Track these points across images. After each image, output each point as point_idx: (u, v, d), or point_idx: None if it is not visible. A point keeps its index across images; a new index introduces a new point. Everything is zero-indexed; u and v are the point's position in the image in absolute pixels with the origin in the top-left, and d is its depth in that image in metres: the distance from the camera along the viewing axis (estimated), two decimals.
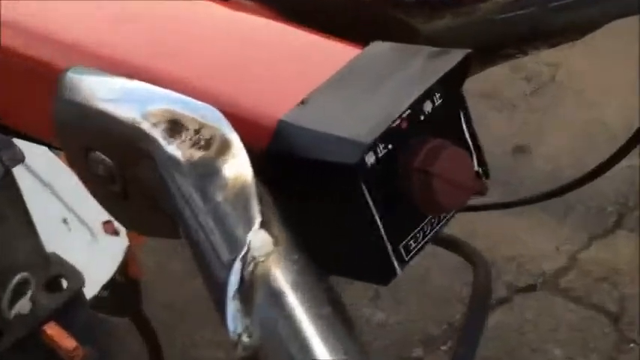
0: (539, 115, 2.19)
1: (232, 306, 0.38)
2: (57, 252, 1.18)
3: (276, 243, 0.40)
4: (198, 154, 0.45)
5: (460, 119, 0.51)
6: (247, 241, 0.40)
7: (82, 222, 1.35)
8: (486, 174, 0.52)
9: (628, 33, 2.35)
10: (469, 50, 0.49)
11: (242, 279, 0.39)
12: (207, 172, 0.44)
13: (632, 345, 1.75)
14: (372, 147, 0.45)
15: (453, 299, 1.80)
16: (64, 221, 1.34)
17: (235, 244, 0.40)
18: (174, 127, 0.46)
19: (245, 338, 0.38)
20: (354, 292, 1.87)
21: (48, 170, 1.29)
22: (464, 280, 1.78)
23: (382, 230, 0.47)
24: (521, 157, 2.13)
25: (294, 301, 0.38)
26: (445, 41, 0.55)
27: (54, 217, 1.31)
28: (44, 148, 1.23)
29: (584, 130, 2.11)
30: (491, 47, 0.56)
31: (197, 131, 0.45)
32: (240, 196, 0.42)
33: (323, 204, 0.47)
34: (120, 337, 1.65)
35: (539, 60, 2.33)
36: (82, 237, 1.34)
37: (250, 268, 0.39)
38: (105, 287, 1.41)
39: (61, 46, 0.56)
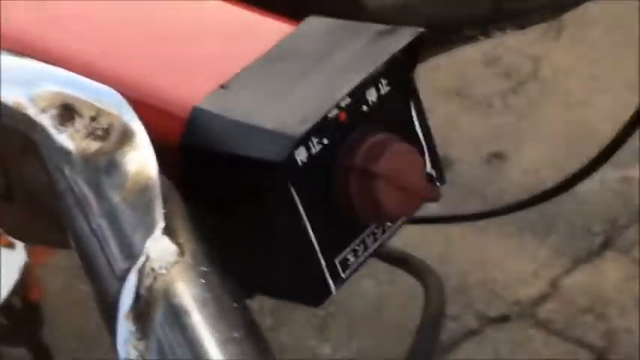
0: (518, 117, 2.20)
1: (125, 327, 0.38)
2: None
3: (181, 253, 0.39)
4: (93, 145, 0.44)
5: (410, 111, 0.51)
6: (146, 250, 0.39)
7: None
8: (441, 177, 0.52)
9: (621, 23, 2.39)
10: (422, 29, 0.48)
11: (138, 294, 0.38)
12: (103, 167, 0.43)
13: None
14: (304, 141, 0.45)
15: (413, 331, 1.80)
16: None
17: (131, 252, 0.40)
18: (67, 113, 0.45)
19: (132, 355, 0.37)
20: (298, 319, 1.86)
21: None
22: None
23: (315, 241, 0.46)
24: (497, 164, 2.14)
25: (199, 321, 0.37)
26: (395, 18, 0.54)
27: None
28: None
29: (570, 135, 2.12)
30: (448, 27, 0.56)
31: (93, 118, 0.45)
32: (141, 195, 0.41)
33: (245, 209, 0.46)
34: None
35: (519, 52, 2.35)
36: None
37: (148, 281, 0.38)
38: None
39: None
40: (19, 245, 1.36)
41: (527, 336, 1.83)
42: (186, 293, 0.38)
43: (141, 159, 0.43)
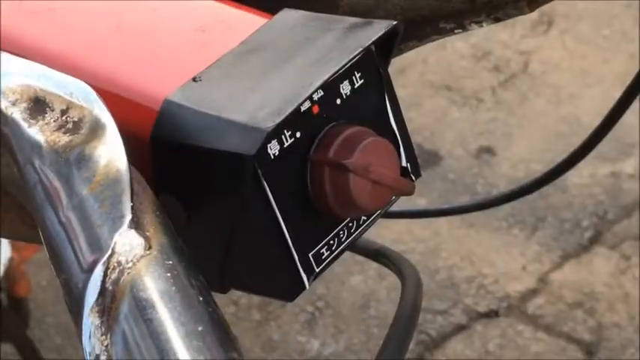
0: (507, 112, 2.20)
1: (90, 321, 0.38)
2: None
3: (148, 247, 0.39)
4: (63, 138, 0.44)
5: (385, 104, 0.51)
6: (113, 243, 0.39)
7: None
8: (416, 171, 0.52)
9: (609, 18, 2.39)
10: (396, 22, 0.48)
11: (103, 288, 0.38)
12: (73, 160, 0.43)
13: None
14: (276, 135, 0.45)
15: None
16: None
17: (99, 245, 0.39)
18: (37, 106, 0.45)
19: (96, 350, 0.37)
20: (286, 315, 1.86)
21: None
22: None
23: (287, 235, 0.46)
24: (486, 158, 2.14)
25: (164, 315, 0.37)
26: (369, 11, 0.54)
27: None
28: None
29: (559, 129, 2.13)
30: (423, 20, 0.55)
31: (64, 112, 0.44)
32: (109, 189, 0.41)
33: (217, 203, 0.46)
34: None
35: (509, 47, 2.35)
36: None
37: (114, 275, 0.38)
38: None
39: None
40: (4, 242, 1.36)
41: (516, 331, 1.83)
42: (152, 287, 0.38)
43: (111, 152, 0.43)
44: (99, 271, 0.38)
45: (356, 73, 0.48)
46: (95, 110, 0.44)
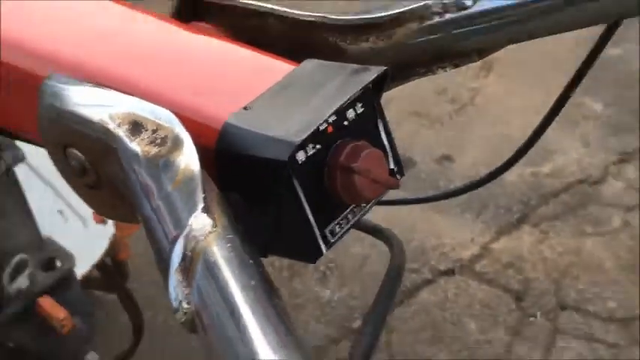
0: (460, 131, 2.19)
1: (174, 278, 0.37)
2: (54, 238, 1.16)
3: (214, 225, 0.39)
4: (154, 150, 0.43)
5: (378, 125, 0.50)
6: (190, 223, 0.39)
7: (76, 213, 1.33)
8: (400, 172, 0.51)
9: (529, 67, 2.37)
10: (385, 67, 0.48)
11: (184, 254, 0.38)
12: (161, 165, 0.42)
13: (532, 319, 1.76)
14: (302, 146, 0.44)
15: None
16: (60, 212, 1.31)
17: (180, 225, 0.39)
18: (135, 127, 0.44)
19: (185, 305, 0.37)
20: (306, 275, 1.86)
21: (45, 167, 1.27)
22: None
23: (311, 217, 0.46)
24: (447, 164, 2.13)
25: (226, 273, 0.37)
26: (368, 60, 0.54)
27: (52, 209, 1.28)
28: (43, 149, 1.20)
29: (496, 143, 2.12)
30: (405, 66, 0.55)
31: (154, 131, 0.44)
32: (187, 185, 0.41)
33: (261, 194, 0.46)
34: (110, 311, 1.62)
35: (461, 85, 2.34)
36: (76, 225, 1.32)
37: (191, 245, 0.38)
38: (96, 267, 1.39)
39: (42, 57, 0.54)
40: (109, 222, 1.36)
41: (467, 284, 1.82)
42: (217, 254, 0.38)
43: (187, 160, 0.42)
44: (181, 242, 0.38)
45: (358, 103, 0.48)
46: (176, 130, 0.44)
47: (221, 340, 0.34)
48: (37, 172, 1.32)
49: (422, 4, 0.52)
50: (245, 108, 0.46)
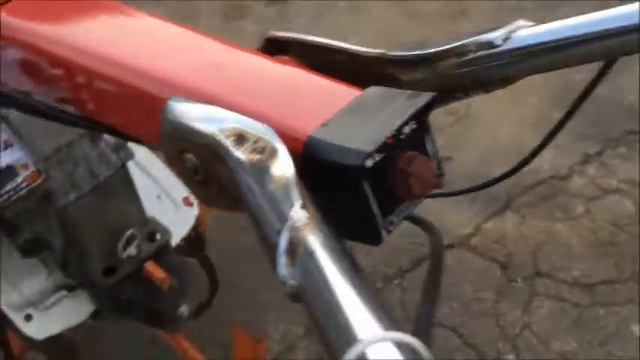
0: (458, 137, 2.16)
1: (281, 259, 0.36)
2: (154, 216, 1.16)
3: (310, 218, 0.38)
4: (256, 157, 0.42)
5: (426, 138, 0.49)
6: (292, 216, 0.38)
7: (170, 197, 1.33)
8: (442, 173, 0.49)
9: (519, 84, 2.33)
10: (433, 93, 0.46)
11: (289, 242, 0.37)
12: (263, 170, 0.41)
13: (513, 283, 1.73)
14: (370, 155, 0.43)
15: (402, 252, 1.78)
16: (158, 197, 1.31)
17: (283, 218, 0.38)
18: (239, 139, 0.43)
19: (291, 281, 0.36)
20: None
21: (148, 163, 1.27)
22: (410, 240, 1.77)
23: (374, 210, 0.45)
24: (447, 164, 2.11)
25: (321, 254, 0.36)
26: (417, 87, 0.52)
27: (152, 194, 1.28)
28: (145, 148, 1.20)
29: (487, 148, 2.08)
30: (446, 91, 0.53)
31: (255, 142, 0.43)
32: (285, 185, 0.40)
33: (337, 191, 0.45)
34: (193, 272, 1.62)
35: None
36: (170, 207, 1.32)
37: (294, 233, 0.37)
38: (183, 239, 1.39)
39: (163, 82, 0.53)
40: (195, 204, 1.35)
41: (463, 256, 1.80)
42: (315, 240, 0.37)
43: (284, 165, 0.41)
44: (286, 232, 0.37)
45: (412, 121, 0.46)
46: (273, 141, 0.43)
47: (323, 309, 0.33)
48: (139, 164, 1.32)
49: (459, 43, 0.50)
50: (323, 125, 0.45)
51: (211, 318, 1.45)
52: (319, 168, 0.44)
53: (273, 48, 0.58)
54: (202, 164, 0.47)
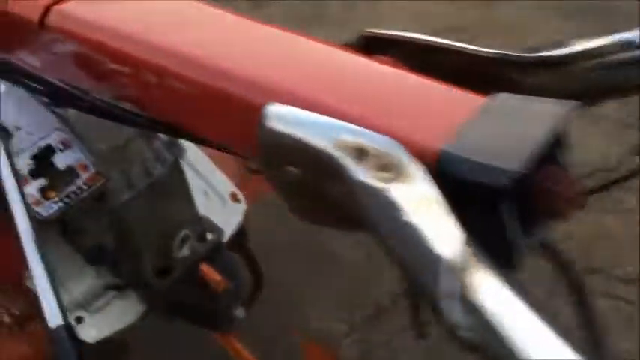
0: None
1: (453, 305, 0.31)
2: (206, 215, 1.12)
3: (472, 253, 0.33)
4: (383, 175, 0.37)
5: (559, 151, 0.43)
6: (454, 253, 0.32)
7: (217, 194, 1.29)
8: (584, 192, 0.44)
9: None
10: (578, 102, 0.41)
11: (458, 284, 0.31)
12: (394, 191, 0.36)
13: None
14: (518, 174, 0.38)
15: None
16: (205, 193, 1.27)
17: (437, 255, 0.33)
18: (360, 154, 0.38)
19: (469, 332, 0.30)
20: None
21: (195, 160, 1.23)
22: None
23: (511, 234, 0.39)
24: None
25: (486, 276, 0.30)
26: (540, 92, 0.47)
27: (199, 191, 1.24)
28: (193, 145, 1.17)
29: None
30: (572, 97, 0.48)
31: (378, 157, 0.38)
32: (431, 211, 0.35)
33: (475, 210, 0.39)
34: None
35: None
36: (217, 204, 1.28)
37: (461, 273, 0.32)
38: None
39: (259, 86, 0.48)
40: (242, 200, 1.31)
41: None
42: (476, 264, 0.31)
43: (422, 186, 0.36)
44: (445, 262, 0.32)
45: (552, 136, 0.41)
46: (401, 156, 0.38)
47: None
48: (186, 160, 1.28)
49: (596, 45, 0.45)
50: (457, 137, 0.40)
51: (254, 314, 1.41)
52: (454, 185, 0.39)
53: (372, 47, 0.53)
54: (307, 178, 0.42)
